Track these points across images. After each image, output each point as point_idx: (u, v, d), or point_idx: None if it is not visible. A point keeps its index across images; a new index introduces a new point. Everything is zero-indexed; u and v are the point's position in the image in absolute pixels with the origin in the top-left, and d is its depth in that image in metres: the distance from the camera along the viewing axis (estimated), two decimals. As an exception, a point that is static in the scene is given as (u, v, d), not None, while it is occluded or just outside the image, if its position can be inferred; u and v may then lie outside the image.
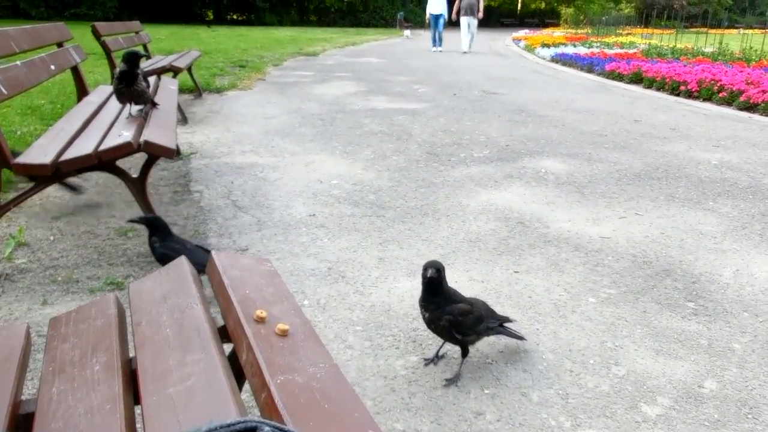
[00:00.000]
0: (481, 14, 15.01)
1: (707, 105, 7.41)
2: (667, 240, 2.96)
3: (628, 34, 22.22)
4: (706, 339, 2.07)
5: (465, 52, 15.02)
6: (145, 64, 5.29)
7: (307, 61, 12.25)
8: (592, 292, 2.39)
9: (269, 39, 17.78)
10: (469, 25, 15.10)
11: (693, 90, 7.90)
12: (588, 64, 11.32)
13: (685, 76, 8.31)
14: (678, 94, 8.10)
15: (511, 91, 8.24)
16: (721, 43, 13.04)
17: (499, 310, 2.21)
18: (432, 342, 1.99)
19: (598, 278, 2.52)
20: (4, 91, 2.34)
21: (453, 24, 16.07)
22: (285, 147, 4.62)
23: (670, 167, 4.32)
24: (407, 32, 24.38)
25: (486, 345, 1.98)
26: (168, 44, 12.70)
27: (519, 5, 50.55)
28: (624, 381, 1.82)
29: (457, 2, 15.13)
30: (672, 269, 2.63)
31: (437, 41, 15.77)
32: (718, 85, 7.63)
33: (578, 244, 2.88)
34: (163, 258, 2.15)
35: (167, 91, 3.95)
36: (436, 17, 15.64)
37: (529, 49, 17.01)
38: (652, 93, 8.52)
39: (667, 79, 8.48)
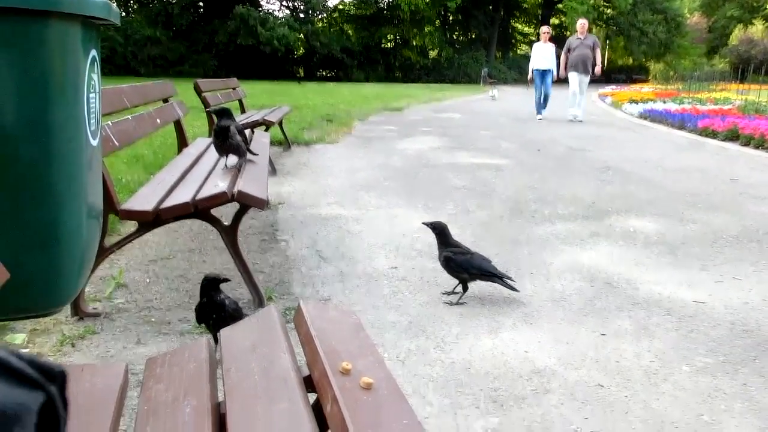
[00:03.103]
0: (598, 68, 11.41)
1: (813, 164, 6.96)
2: (771, 308, 2.76)
3: (722, 89, 21.34)
4: (820, 420, 1.89)
5: (573, 120, 11.70)
6: (239, 118, 5.62)
7: (392, 116, 12.57)
8: (686, 360, 2.25)
9: (356, 95, 18.43)
10: (580, 83, 11.48)
11: (797, 148, 7.45)
12: (679, 121, 10.94)
13: (787, 133, 7.87)
14: (780, 153, 7.66)
15: (596, 148, 8.08)
16: (827, 98, 12.28)
17: (584, 373, 2.12)
18: (513, 404, 1.93)
19: (692, 345, 2.37)
20: (116, 142, 2.55)
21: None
22: (369, 200, 4.72)
23: (773, 230, 4.05)
24: (494, 92, 19.96)
25: (572, 411, 1.89)
26: (261, 99, 13.40)
27: (605, 61, 49.95)
28: (725, 461, 1.68)
29: (563, 55, 11.66)
30: (777, 340, 2.43)
31: (543, 104, 12.08)
32: (826, 143, 7.17)
33: (670, 308, 2.73)
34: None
35: (260, 144, 4.15)
36: (543, 73, 11.90)
37: (617, 105, 16.68)
38: (749, 151, 8.09)
39: (767, 137, 8.05)
